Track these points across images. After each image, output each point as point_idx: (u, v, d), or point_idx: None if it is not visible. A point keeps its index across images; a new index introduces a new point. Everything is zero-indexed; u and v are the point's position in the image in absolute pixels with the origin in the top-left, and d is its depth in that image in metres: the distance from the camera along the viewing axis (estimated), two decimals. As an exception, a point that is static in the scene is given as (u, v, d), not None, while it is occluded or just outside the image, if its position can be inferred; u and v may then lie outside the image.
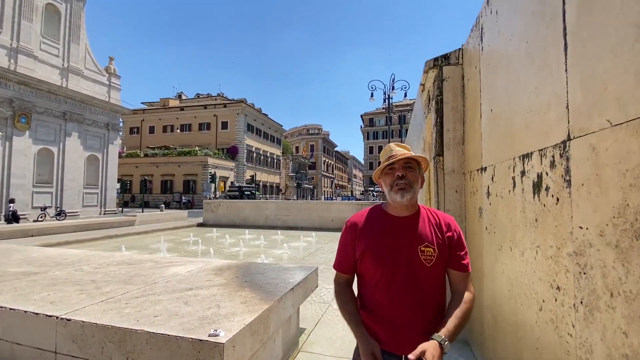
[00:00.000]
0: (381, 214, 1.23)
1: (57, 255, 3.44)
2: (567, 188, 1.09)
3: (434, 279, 1.15)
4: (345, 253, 1.25)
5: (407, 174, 1.15)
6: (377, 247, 1.16)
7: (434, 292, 1.15)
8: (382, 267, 1.14)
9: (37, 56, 15.85)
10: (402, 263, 1.13)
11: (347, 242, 1.24)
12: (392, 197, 1.16)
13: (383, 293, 1.14)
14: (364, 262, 1.18)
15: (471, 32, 2.42)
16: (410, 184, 1.14)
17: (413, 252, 1.13)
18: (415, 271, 1.12)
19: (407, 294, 1.12)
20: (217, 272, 2.71)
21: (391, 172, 1.17)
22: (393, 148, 1.22)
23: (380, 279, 1.14)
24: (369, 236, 1.19)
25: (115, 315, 1.72)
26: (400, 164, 1.16)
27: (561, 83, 1.13)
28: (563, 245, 1.13)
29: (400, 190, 1.13)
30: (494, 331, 1.92)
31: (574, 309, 1.07)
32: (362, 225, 1.22)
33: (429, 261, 1.12)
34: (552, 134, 1.20)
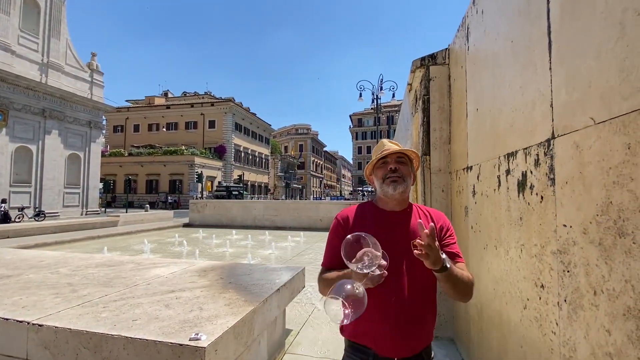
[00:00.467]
0: (373, 209, 1.20)
1: (32, 258, 3.30)
2: (552, 186, 1.09)
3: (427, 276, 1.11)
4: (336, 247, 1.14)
5: (399, 168, 1.14)
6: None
7: (430, 287, 1.14)
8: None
9: (15, 51, 15.25)
10: (398, 259, 1.10)
11: (338, 236, 1.16)
12: (384, 190, 1.15)
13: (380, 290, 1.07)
14: None
15: (457, 32, 2.43)
16: (403, 177, 1.14)
17: (407, 247, 1.08)
18: (413, 266, 1.09)
19: (407, 290, 1.09)
20: (201, 273, 2.65)
21: (384, 166, 1.17)
22: (386, 143, 1.22)
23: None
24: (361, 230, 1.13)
25: (91, 320, 1.65)
26: (393, 158, 1.16)
27: (546, 81, 1.13)
28: (547, 243, 1.13)
29: (393, 183, 1.12)
30: (479, 330, 1.93)
31: (557, 307, 1.07)
32: (355, 218, 1.18)
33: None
34: (536, 132, 1.20)
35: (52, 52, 16.99)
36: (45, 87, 16.29)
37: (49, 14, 16.84)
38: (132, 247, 7.74)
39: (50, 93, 16.66)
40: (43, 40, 16.63)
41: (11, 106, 15.05)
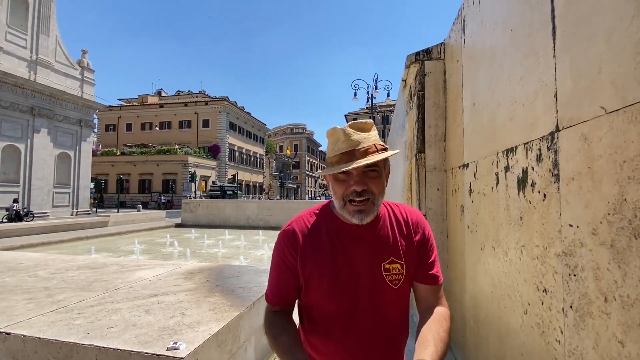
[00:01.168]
0: (330, 221, 0.91)
1: (11, 260, 3.16)
2: (555, 183, 1.01)
3: (402, 305, 0.90)
4: (284, 279, 0.90)
5: (369, 186, 0.82)
6: (329, 270, 0.86)
7: (402, 322, 0.92)
8: (337, 299, 0.85)
9: (2, 47, 14.94)
10: (364, 290, 0.86)
11: (285, 263, 0.89)
12: (344, 214, 0.85)
13: (339, 332, 0.86)
14: (310, 292, 0.88)
15: (453, 26, 2.35)
16: (373, 200, 0.83)
17: (375, 272, 0.86)
18: (381, 298, 0.86)
19: (371, 330, 0.87)
20: (188, 275, 2.54)
21: (345, 180, 0.83)
22: (351, 136, 0.82)
23: (335, 314, 0.86)
24: (315, 255, 0.87)
25: (63, 328, 1.53)
26: (360, 170, 0.81)
27: (549, 70, 1.05)
28: (550, 244, 1.05)
29: (358, 213, 0.82)
30: (476, 334, 1.85)
31: (562, 313, 0.99)
32: (306, 237, 0.89)
33: (395, 282, 0.87)
34: (538, 125, 1.12)
35: (41, 48, 16.68)
36: (34, 85, 15.98)
37: (38, 10, 16.53)
38: (121, 248, 7.57)
39: (39, 91, 16.35)
40: (32, 36, 16.32)
41: (-2, 104, 14.73)
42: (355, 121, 0.86)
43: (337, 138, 0.84)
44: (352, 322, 0.87)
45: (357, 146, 0.81)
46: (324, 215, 0.93)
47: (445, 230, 2.51)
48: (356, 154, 0.80)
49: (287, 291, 0.91)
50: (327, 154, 0.89)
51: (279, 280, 0.91)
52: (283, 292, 0.92)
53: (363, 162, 0.78)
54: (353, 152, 0.80)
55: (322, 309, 0.89)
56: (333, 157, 0.84)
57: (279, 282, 0.92)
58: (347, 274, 0.86)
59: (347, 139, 0.82)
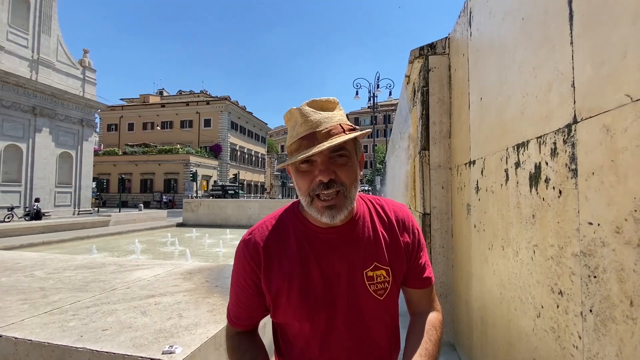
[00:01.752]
0: (298, 224, 0.77)
1: (9, 259, 3.11)
2: (573, 178, 0.95)
3: (389, 318, 0.78)
4: (245, 298, 0.76)
5: (337, 174, 0.67)
6: (299, 283, 0.72)
7: (390, 337, 0.80)
8: (311, 317, 0.73)
9: (4, 47, 14.94)
10: (342, 304, 0.73)
11: (246, 279, 0.75)
12: (312, 213, 0.71)
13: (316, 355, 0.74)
14: (280, 310, 0.74)
15: (458, 19, 2.29)
16: (345, 191, 0.68)
17: (356, 282, 0.73)
18: (363, 311, 0.74)
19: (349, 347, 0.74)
20: (187, 276, 2.49)
21: (308, 171, 0.68)
22: (310, 116, 0.67)
23: (310, 334, 0.74)
24: (282, 268, 0.73)
25: (56, 330, 1.48)
26: (325, 156, 0.66)
27: (565, 59, 0.99)
28: (567, 244, 0.98)
29: (328, 210, 0.67)
30: (483, 336, 1.79)
31: (581, 317, 0.93)
32: (269, 247, 0.75)
33: (381, 292, 0.74)
34: (553, 118, 1.06)
35: (43, 48, 16.68)
36: (35, 84, 15.99)
37: (39, 10, 16.53)
38: (122, 248, 7.54)
39: (41, 90, 16.36)
40: (33, 36, 16.32)
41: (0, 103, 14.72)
42: (315, 99, 0.70)
43: (295, 121, 0.69)
44: (330, 343, 0.74)
45: (318, 127, 0.66)
46: (291, 218, 0.79)
47: (450, 229, 2.45)
48: (318, 137, 0.65)
49: (249, 312, 0.79)
50: (287, 142, 0.74)
51: (239, 300, 0.78)
52: (243, 314, 0.79)
53: (326, 145, 0.63)
54: (314, 135, 0.65)
55: (295, 330, 0.76)
56: (291, 144, 0.69)
57: (238, 301, 0.78)
58: (321, 286, 0.73)
59: (305, 121, 0.67)
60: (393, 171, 6.07)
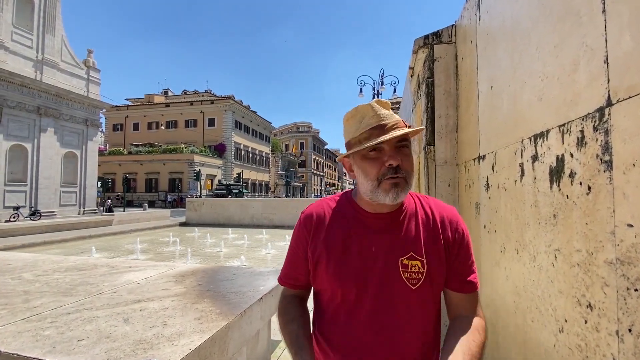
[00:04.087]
0: (349, 208, 0.85)
1: (0, 260, 3.03)
2: (607, 171, 0.80)
3: (422, 309, 0.79)
4: (296, 260, 0.89)
5: (402, 162, 0.75)
6: (338, 256, 0.80)
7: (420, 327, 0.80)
8: (342, 287, 0.79)
9: (8, 47, 15.00)
10: (374, 284, 0.77)
11: (298, 244, 0.88)
12: (376, 197, 0.76)
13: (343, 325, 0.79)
14: (318, 275, 0.83)
15: (466, 4, 2.13)
16: (407, 177, 0.76)
17: (391, 266, 0.77)
18: (393, 296, 0.77)
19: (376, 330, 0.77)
20: (179, 278, 2.37)
21: (378, 158, 0.75)
22: (379, 111, 0.77)
23: (340, 304, 0.80)
24: (327, 239, 0.82)
25: (29, 339, 1.37)
26: (392, 145, 0.75)
27: (596, 30, 0.84)
28: (599, 249, 0.84)
29: (394, 188, 0.74)
30: (494, 346, 1.64)
31: (616, 336, 0.78)
32: (321, 221, 0.85)
33: (414, 281, 0.77)
34: (580, 102, 0.91)
35: (47, 48, 16.74)
36: (40, 84, 16.05)
37: (44, 10, 16.58)
38: (123, 247, 7.48)
39: (46, 90, 16.42)
40: (37, 36, 16.38)
41: (5, 104, 14.82)
42: (379, 99, 0.81)
43: (364, 114, 0.78)
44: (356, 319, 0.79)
45: (386, 120, 0.76)
46: (343, 202, 0.89)
47: (457, 229, 2.30)
48: (387, 128, 0.74)
49: (295, 273, 0.90)
50: (348, 137, 0.81)
51: (290, 260, 0.92)
52: (292, 273, 0.91)
53: (398, 133, 0.73)
54: (384, 126, 0.75)
55: (328, 297, 0.84)
56: (361, 134, 0.77)
57: (289, 262, 0.92)
58: (358, 262, 0.79)
59: (375, 114, 0.77)
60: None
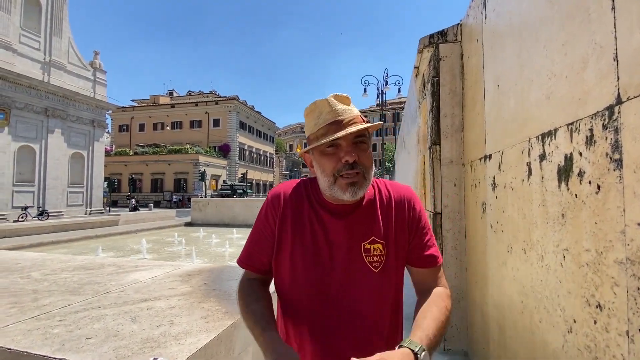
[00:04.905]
0: (313, 193, 0.85)
1: (9, 260, 3.07)
2: (617, 170, 0.79)
3: (384, 290, 0.80)
4: (262, 241, 0.84)
5: (360, 157, 0.74)
6: (303, 240, 0.80)
7: (383, 307, 0.80)
8: (306, 272, 0.79)
9: (17, 49, 15.18)
10: (340, 269, 0.78)
11: (266, 225, 0.84)
12: (334, 193, 0.76)
13: (307, 311, 0.79)
14: (281, 258, 0.82)
15: (472, 3, 2.12)
16: (365, 172, 0.76)
17: (354, 251, 0.78)
18: (357, 280, 0.78)
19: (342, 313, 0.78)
20: (185, 278, 2.38)
21: (334, 154, 0.75)
22: (336, 106, 0.76)
23: (303, 288, 0.79)
24: (294, 222, 0.81)
25: (39, 337, 1.38)
26: (349, 141, 0.74)
27: (605, 27, 0.83)
28: (608, 248, 0.83)
29: (351, 187, 0.74)
30: (501, 347, 1.63)
31: (626, 337, 0.77)
32: (289, 202, 0.84)
33: (376, 264, 0.78)
34: (589, 100, 0.90)
35: (54, 50, 16.92)
36: (47, 86, 16.23)
37: (51, 12, 16.76)
38: (129, 247, 7.55)
39: (53, 92, 16.60)
40: (45, 38, 16.56)
41: (13, 105, 15.01)
42: (337, 94, 0.79)
43: (321, 110, 0.77)
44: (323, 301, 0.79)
45: (343, 115, 0.75)
46: (307, 187, 0.88)
47: (464, 229, 2.29)
48: (344, 124, 0.74)
49: (261, 255, 0.86)
50: (307, 133, 0.82)
51: (253, 240, 0.87)
52: (256, 255, 0.86)
53: (354, 129, 0.73)
54: (341, 122, 0.74)
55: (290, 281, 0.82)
56: (318, 130, 0.76)
57: (254, 242, 0.87)
58: (324, 247, 0.80)
59: (331, 109, 0.76)
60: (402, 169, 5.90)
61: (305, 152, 0.83)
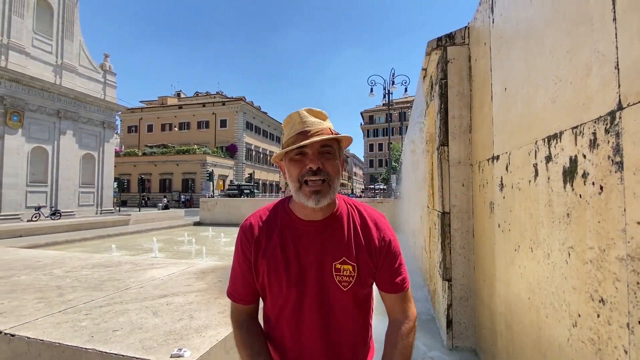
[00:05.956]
0: (285, 216, 0.89)
1: (30, 258, 3.20)
2: (618, 172, 0.84)
3: (353, 307, 0.86)
4: (243, 274, 0.89)
5: (324, 165, 0.80)
6: (278, 266, 0.84)
7: (354, 323, 0.88)
8: (283, 294, 0.84)
9: (29, 53, 15.54)
10: (311, 288, 0.83)
11: (244, 259, 0.89)
12: (300, 199, 0.82)
13: (287, 329, 0.86)
14: (262, 285, 0.87)
15: (479, 6, 2.16)
16: (329, 180, 0.80)
17: (325, 271, 0.84)
18: (329, 298, 0.84)
19: (317, 330, 0.84)
20: (200, 275, 2.47)
21: (300, 161, 0.81)
22: (305, 118, 0.82)
23: (282, 309, 0.86)
24: (266, 250, 0.86)
25: (68, 330, 1.47)
26: (315, 150, 0.80)
27: (608, 37, 0.88)
28: (610, 246, 0.88)
29: (314, 195, 0.79)
30: (509, 343, 1.67)
31: (627, 329, 0.82)
32: (261, 231, 0.88)
33: (345, 284, 0.84)
34: (592, 105, 0.95)
35: (66, 53, 17.26)
36: (59, 88, 16.57)
37: (62, 16, 17.10)
38: (141, 246, 7.70)
39: (65, 94, 16.94)
40: (57, 42, 16.91)
41: (27, 107, 15.36)
42: (311, 108, 0.86)
43: (294, 121, 0.84)
44: (297, 321, 0.85)
45: (312, 127, 0.81)
46: (280, 210, 0.92)
47: (472, 229, 2.33)
48: (311, 134, 0.80)
49: (244, 287, 0.90)
50: (283, 140, 0.89)
51: (235, 274, 0.91)
52: (239, 287, 0.91)
53: (318, 138, 0.78)
54: (307, 132, 0.81)
55: (273, 303, 0.88)
56: (289, 139, 0.83)
57: (235, 276, 0.92)
58: (296, 269, 0.84)
59: (302, 121, 0.83)
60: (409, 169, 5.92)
61: (280, 160, 0.88)
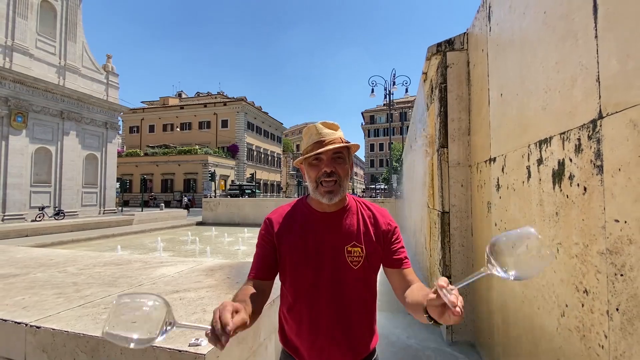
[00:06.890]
0: (304, 209, 1.08)
1: (42, 256, 3.30)
2: (598, 175, 0.93)
3: (362, 286, 1.01)
4: (264, 256, 1.04)
5: (336, 169, 0.98)
6: (297, 248, 1.00)
7: (362, 301, 1.02)
8: (302, 272, 0.99)
9: (33, 54, 15.66)
10: (327, 267, 0.98)
11: (265, 242, 1.06)
12: (316, 196, 1.01)
13: (304, 303, 1.00)
14: (284, 266, 1.03)
15: (477, 14, 2.25)
16: (340, 181, 0.99)
17: (338, 252, 0.99)
18: (341, 276, 0.99)
19: (330, 304, 0.98)
20: (208, 272, 2.56)
21: (317, 165, 0.99)
22: (321, 130, 1.00)
23: (300, 286, 1.00)
24: (288, 235, 1.03)
25: (90, 322, 1.57)
26: (329, 156, 0.98)
27: (590, 53, 0.97)
28: (592, 242, 0.97)
29: (328, 194, 0.97)
30: (505, 335, 1.76)
31: (607, 316, 0.91)
32: (282, 221, 1.06)
33: (355, 263, 0.99)
34: (577, 113, 1.04)
35: (69, 54, 17.38)
36: (62, 90, 16.68)
37: (65, 18, 17.22)
38: (145, 245, 7.81)
39: (68, 95, 17.06)
40: (60, 43, 17.02)
41: (30, 108, 15.49)
42: (325, 121, 1.04)
43: (312, 132, 1.02)
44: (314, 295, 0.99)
45: (326, 137, 0.99)
46: (299, 205, 1.10)
47: (470, 227, 2.42)
48: (326, 143, 0.98)
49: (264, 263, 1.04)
50: (302, 148, 1.06)
51: (258, 254, 1.05)
52: (261, 264, 1.04)
53: (331, 147, 0.96)
54: (323, 141, 0.98)
55: (293, 281, 1.02)
56: (307, 147, 1.01)
57: (258, 256, 1.05)
58: (314, 251, 0.99)
59: (318, 132, 1.00)
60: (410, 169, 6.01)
61: (300, 164, 1.07)
